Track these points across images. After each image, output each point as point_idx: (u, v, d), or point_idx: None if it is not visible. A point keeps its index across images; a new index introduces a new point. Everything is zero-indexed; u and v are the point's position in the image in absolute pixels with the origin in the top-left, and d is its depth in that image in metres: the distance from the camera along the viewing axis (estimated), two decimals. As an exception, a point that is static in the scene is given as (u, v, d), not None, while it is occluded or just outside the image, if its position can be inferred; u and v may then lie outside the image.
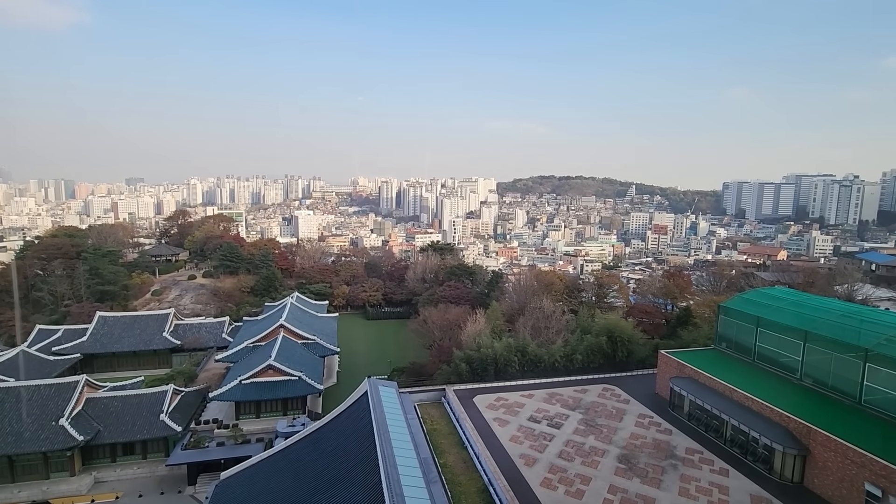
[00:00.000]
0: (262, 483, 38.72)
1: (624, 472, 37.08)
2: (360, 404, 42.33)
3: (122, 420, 54.40)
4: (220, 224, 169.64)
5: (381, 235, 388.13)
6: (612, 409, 48.34)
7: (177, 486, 50.54)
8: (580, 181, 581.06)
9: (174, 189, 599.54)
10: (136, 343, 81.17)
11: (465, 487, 35.91)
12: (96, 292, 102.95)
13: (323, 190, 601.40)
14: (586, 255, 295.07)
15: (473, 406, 48.48)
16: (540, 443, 41.45)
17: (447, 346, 67.03)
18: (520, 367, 56.83)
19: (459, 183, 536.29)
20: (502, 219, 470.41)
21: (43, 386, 55.01)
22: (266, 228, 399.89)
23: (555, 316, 69.50)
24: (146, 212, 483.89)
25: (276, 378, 60.38)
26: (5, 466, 50.12)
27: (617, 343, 58.37)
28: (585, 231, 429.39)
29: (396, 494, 28.96)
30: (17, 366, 68.54)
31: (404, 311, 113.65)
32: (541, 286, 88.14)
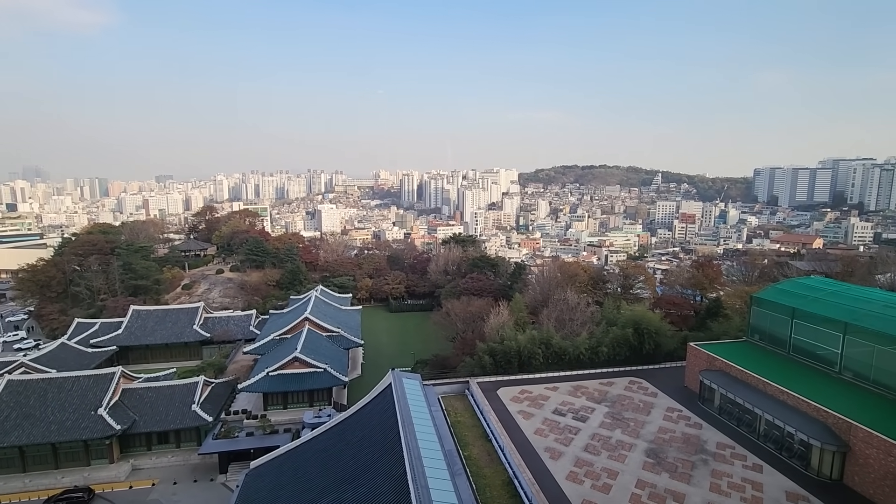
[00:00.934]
0: (290, 472, 39.45)
1: (652, 466, 36.36)
2: (384, 396, 42.62)
3: (157, 410, 56.26)
4: (245, 219, 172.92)
5: (403, 228, 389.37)
6: (639, 402, 47.43)
7: (209, 475, 52.07)
8: (604, 170, 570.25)
9: (201, 185, 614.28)
10: (168, 336, 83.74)
11: (490, 480, 35.81)
12: (130, 287, 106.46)
13: (345, 184, 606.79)
14: (611, 245, 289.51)
15: (497, 398, 48.27)
16: (565, 436, 40.99)
17: (470, 339, 66.87)
18: (544, 360, 56.24)
19: (481, 174, 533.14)
20: (524, 210, 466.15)
21: (82, 377, 57.29)
22: (290, 223, 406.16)
23: (579, 308, 68.51)
24: (175, 208, 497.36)
25: (301, 370, 61.43)
26: (49, 453, 52.50)
27: (644, 335, 57.11)
28: (610, 221, 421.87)
29: (421, 486, 29.03)
30: (58, 357, 71.65)
31: (427, 303, 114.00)
32: (564, 277, 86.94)
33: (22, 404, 53.26)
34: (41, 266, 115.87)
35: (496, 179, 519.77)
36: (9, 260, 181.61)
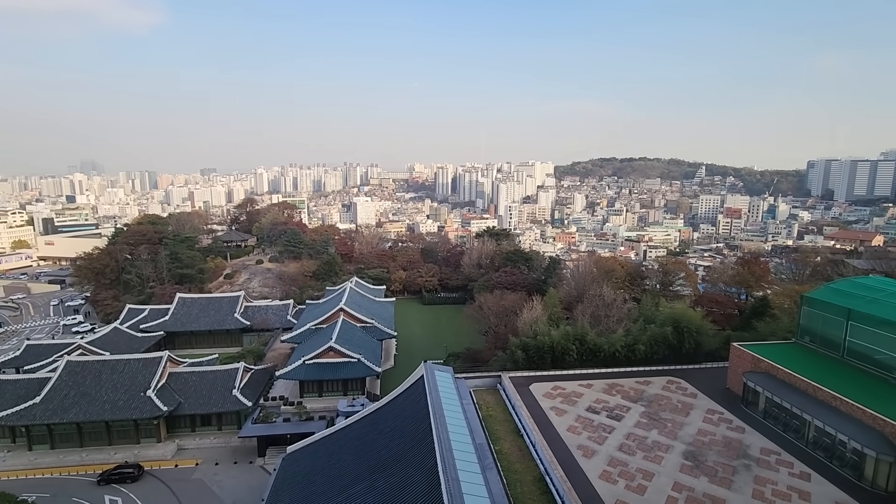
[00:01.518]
0: (325, 458, 40.43)
1: (690, 469, 35.19)
2: (416, 388, 42.94)
3: (200, 394, 58.83)
4: (284, 211, 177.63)
5: (437, 221, 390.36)
6: (677, 402, 45.96)
7: (248, 457, 54.10)
8: (644, 163, 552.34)
9: (243, 178, 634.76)
10: (211, 323, 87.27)
11: (521, 475, 35.58)
12: (176, 275, 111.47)
13: (380, 176, 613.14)
14: (650, 240, 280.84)
15: (529, 394, 47.85)
16: (599, 434, 40.23)
17: (503, 333, 66.49)
18: (578, 356, 55.28)
19: (516, 167, 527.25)
20: (560, 203, 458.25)
21: (133, 360, 60.54)
22: (326, 215, 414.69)
23: (615, 304, 66.86)
24: (218, 200, 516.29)
25: (336, 359, 62.72)
26: (103, 430, 55.87)
27: (683, 334, 55.18)
28: (649, 215, 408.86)
29: (452, 478, 29.10)
30: (111, 341, 75.97)
31: (460, 296, 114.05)
32: (600, 273, 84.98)
33: (79, 384, 56.82)
34: (96, 254, 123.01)
35: (531, 172, 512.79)
36: (68, 248, 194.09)
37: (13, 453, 54.69)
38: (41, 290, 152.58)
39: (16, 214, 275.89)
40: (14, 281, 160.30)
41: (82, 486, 49.67)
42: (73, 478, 51.33)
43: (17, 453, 54.78)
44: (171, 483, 49.93)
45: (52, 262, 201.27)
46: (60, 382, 56.59)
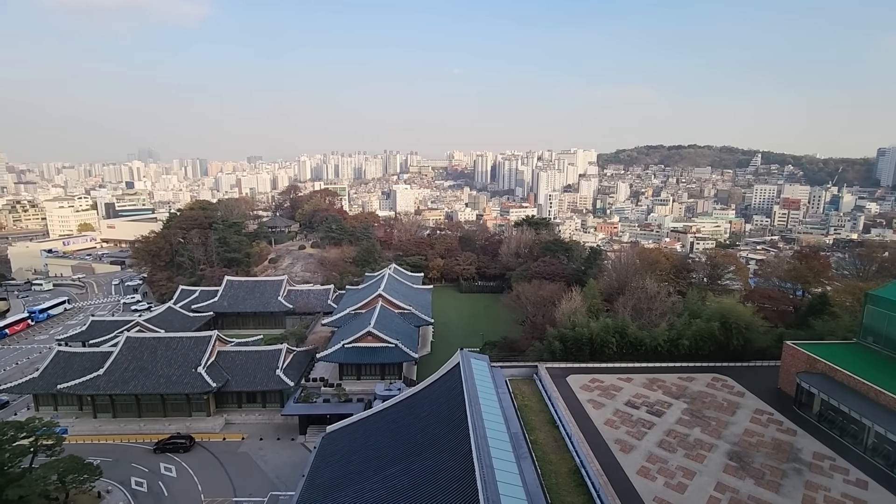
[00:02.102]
0: (362, 439, 41.51)
1: (735, 470, 33.84)
2: (452, 375, 43.23)
3: (246, 372, 61.57)
4: (325, 198, 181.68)
5: (476, 209, 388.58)
6: (722, 400, 44.19)
7: (290, 434, 56.36)
8: (693, 150, 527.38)
9: (287, 166, 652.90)
10: (257, 305, 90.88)
11: (556, 466, 35.32)
12: (224, 259, 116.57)
13: (420, 164, 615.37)
14: (697, 231, 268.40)
15: (566, 385, 47.24)
16: (638, 429, 39.28)
17: (540, 323, 65.80)
18: (617, 350, 54.00)
19: (557, 155, 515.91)
20: (602, 192, 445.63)
21: (185, 338, 64.00)
22: (367, 202, 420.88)
23: (659, 297, 64.75)
24: (264, 187, 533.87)
25: (374, 344, 64.02)
26: (159, 403, 59.59)
27: (732, 330, 52.74)
28: (698, 206, 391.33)
29: (486, 465, 29.21)
30: (166, 319, 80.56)
31: (497, 285, 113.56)
32: (644, 264, 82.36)
33: (137, 358, 60.68)
34: (152, 238, 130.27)
35: (573, 160, 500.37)
36: (127, 231, 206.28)
37: (80, 420, 59.31)
38: (104, 270, 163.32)
39: (82, 199, 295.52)
40: (80, 261, 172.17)
41: (140, 454, 53.32)
42: (132, 445, 55.17)
43: (83, 420, 59.37)
44: (219, 455, 52.79)
45: (114, 244, 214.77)
46: (121, 356, 60.64)
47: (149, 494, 46.27)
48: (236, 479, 48.24)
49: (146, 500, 45.42)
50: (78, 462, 42.42)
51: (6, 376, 73.75)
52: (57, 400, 60.69)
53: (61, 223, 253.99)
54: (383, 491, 32.35)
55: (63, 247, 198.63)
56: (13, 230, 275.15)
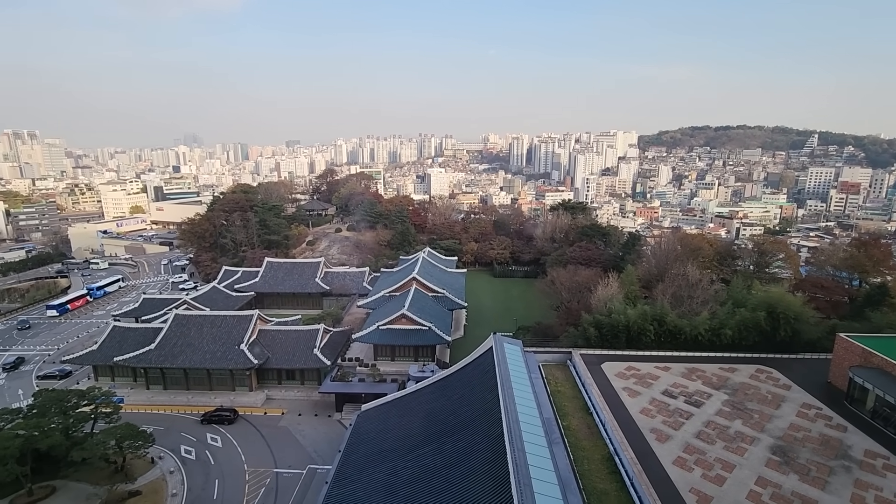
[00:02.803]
0: (396, 418, 42.46)
1: (778, 465, 32.65)
2: (485, 358, 43.39)
3: (285, 350, 63.85)
4: (361, 182, 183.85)
5: (511, 193, 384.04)
6: (766, 393, 42.52)
7: (327, 411, 58.31)
8: (742, 131, 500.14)
9: (324, 150, 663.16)
10: (295, 286, 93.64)
11: (589, 453, 35.06)
12: (265, 241, 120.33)
13: (454, 148, 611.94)
14: (744, 217, 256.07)
15: (601, 372, 46.58)
16: (675, 419, 38.38)
17: (575, 309, 64.84)
18: (655, 338, 52.64)
19: (596, 137, 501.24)
20: (643, 176, 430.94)
21: (228, 316, 66.83)
22: (401, 185, 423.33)
23: (701, 285, 62.47)
24: (301, 170, 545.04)
25: (408, 326, 64.90)
26: (205, 377, 62.76)
27: (779, 320, 50.35)
28: (745, 189, 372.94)
29: (518, 449, 29.33)
30: (211, 298, 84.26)
31: (531, 270, 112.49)
32: (685, 251, 79.42)
33: (185, 334, 63.94)
34: (197, 220, 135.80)
35: (612, 143, 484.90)
36: (174, 214, 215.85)
37: (135, 391, 63.29)
38: (153, 250, 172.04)
39: (133, 183, 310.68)
40: (133, 242, 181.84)
41: (188, 424, 56.51)
42: (181, 416, 58.51)
43: (138, 391, 63.33)
44: (260, 428, 55.30)
45: (162, 225, 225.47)
46: (170, 332, 64.03)
47: (197, 462, 49.11)
48: (276, 452, 50.48)
49: (194, 468, 48.23)
50: (133, 429, 45.39)
51: (69, 348, 79.42)
52: (114, 371, 64.92)
53: (115, 205, 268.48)
54: (416, 469, 33.07)
55: (117, 228, 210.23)
56: (72, 212, 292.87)
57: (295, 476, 46.47)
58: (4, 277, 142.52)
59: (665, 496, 29.32)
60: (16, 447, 40.55)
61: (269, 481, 45.92)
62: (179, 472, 47.35)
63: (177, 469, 47.84)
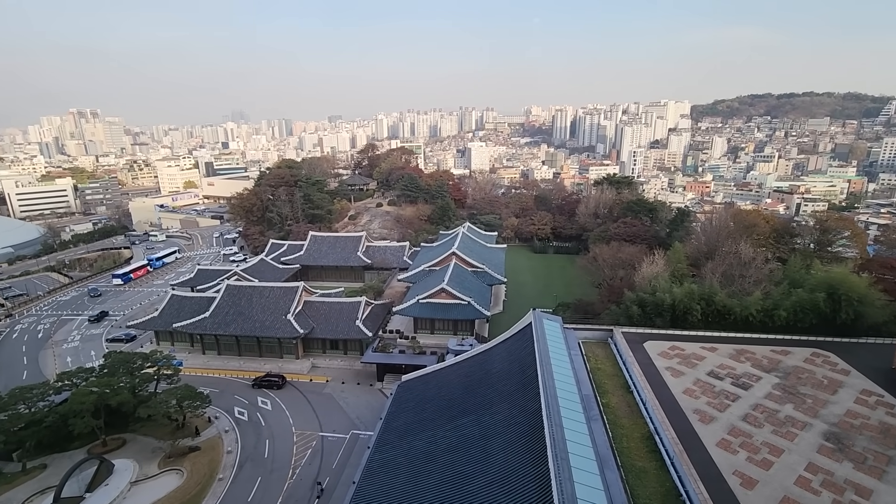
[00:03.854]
0: (435, 389, 43.48)
1: (831, 452, 31.26)
2: (524, 334, 43.44)
3: (329, 321, 66.16)
4: (402, 156, 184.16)
5: (553, 167, 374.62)
6: (822, 378, 40.44)
7: (368, 381, 60.40)
8: (809, 99, 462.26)
9: (365, 124, 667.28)
10: (338, 259, 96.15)
11: (628, 431, 34.75)
12: (308, 215, 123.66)
13: (496, 121, 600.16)
14: (806, 192, 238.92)
15: (643, 351, 45.63)
16: (720, 401, 37.28)
17: (618, 286, 63.42)
18: (702, 317, 50.86)
19: (644, 108, 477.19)
20: (694, 148, 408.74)
21: (276, 288, 69.69)
22: (441, 160, 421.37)
23: (754, 263, 59.54)
24: (343, 145, 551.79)
25: (447, 300, 65.59)
26: (255, 344, 66.19)
27: (841, 302, 47.33)
28: (809, 162, 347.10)
29: (556, 424, 29.49)
30: (259, 270, 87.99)
31: (573, 246, 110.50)
32: (738, 228, 75.54)
33: (236, 304, 67.32)
34: (246, 195, 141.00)
35: (662, 113, 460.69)
36: (224, 189, 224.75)
37: (192, 355, 67.66)
38: (206, 224, 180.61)
39: (185, 159, 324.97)
40: (187, 216, 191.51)
41: (241, 388, 60.09)
42: (234, 380, 62.22)
43: (194, 355, 67.68)
44: (307, 394, 58.08)
45: (213, 200, 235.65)
46: (223, 302, 67.60)
47: (249, 423, 52.35)
48: (322, 417, 53.01)
49: (247, 428, 51.47)
50: (192, 390, 48.81)
51: (133, 314, 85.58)
52: (173, 336, 69.56)
53: (170, 181, 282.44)
54: (455, 438, 33.96)
55: (172, 202, 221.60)
56: (132, 187, 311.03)
57: (339, 440, 48.77)
58: (75, 248, 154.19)
59: (707, 477, 28.79)
60: (91, 402, 44.60)
61: (315, 444, 48.44)
62: (234, 432, 50.68)
63: (231, 428, 51.21)
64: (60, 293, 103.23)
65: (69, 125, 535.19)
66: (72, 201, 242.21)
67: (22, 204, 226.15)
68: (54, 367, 67.54)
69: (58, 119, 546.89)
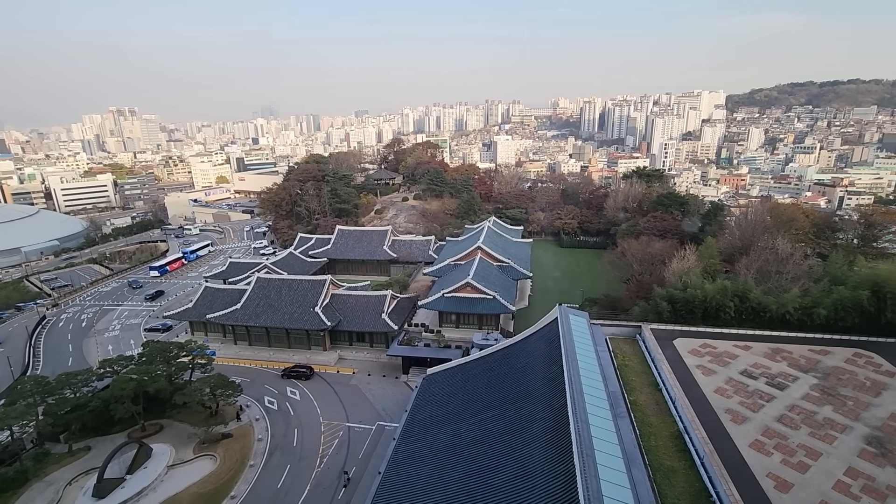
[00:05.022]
0: (460, 383, 43.62)
1: (873, 456, 29.96)
2: (550, 329, 43.05)
3: (356, 314, 67.10)
4: (427, 150, 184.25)
5: (580, 160, 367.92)
6: (864, 379, 38.73)
7: (394, 373, 61.06)
8: (854, 87, 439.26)
9: (391, 119, 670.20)
10: (364, 253, 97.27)
11: (656, 429, 34.12)
12: (336, 209, 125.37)
13: (522, 114, 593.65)
14: (850, 184, 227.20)
15: (672, 348, 44.64)
16: (754, 401, 36.17)
17: (647, 282, 62.15)
18: (735, 315, 49.29)
19: (677, 98, 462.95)
20: (730, 140, 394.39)
21: (304, 281, 71.06)
22: (467, 154, 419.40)
23: (792, 259, 57.36)
24: (370, 140, 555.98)
25: (472, 295, 65.54)
26: (284, 336, 67.75)
27: (886, 300, 45.08)
28: (854, 154, 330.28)
29: (581, 420, 29.19)
30: (288, 263, 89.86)
31: (600, 241, 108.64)
32: (776, 222, 72.79)
33: (266, 296, 68.99)
34: (275, 189, 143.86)
35: (696, 104, 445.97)
36: (255, 183, 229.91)
37: (224, 345, 69.80)
38: (237, 218, 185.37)
39: (217, 155, 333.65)
40: (219, 210, 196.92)
41: (270, 378, 61.69)
42: (264, 370, 63.92)
43: (227, 346, 69.80)
44: (334, 385, 59.19)
45: (244, 194, 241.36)
46: (253, 294, 69.39)
47: (278, 412, 53.76)
48: (348, 408, 53.96)
49: (277, 416, 52.87)
50: (224, 379, 50.41)
51: (169, 305, 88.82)
52: (206, 327, 71.86)
53: (203, 176, 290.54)
54: (479, 432, 34.02)
55: (205, 197, 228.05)
56: (167, 182, 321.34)
57: (365, 431, 49.57)
58: (115, 241, 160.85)
59: (738, 479, 28.04)
60: (130, 388, 46.63)
61: (342, 434, 49.37)
62: (264, 420, 52.15)
63: (262, 417, 52.71)
64: (102, 284, 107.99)
65: (109, 123, 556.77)
66: (112, 196, 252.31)
67: (66, 199, 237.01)
68: (97, 354, 70.80)
69: (98, 117, 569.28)
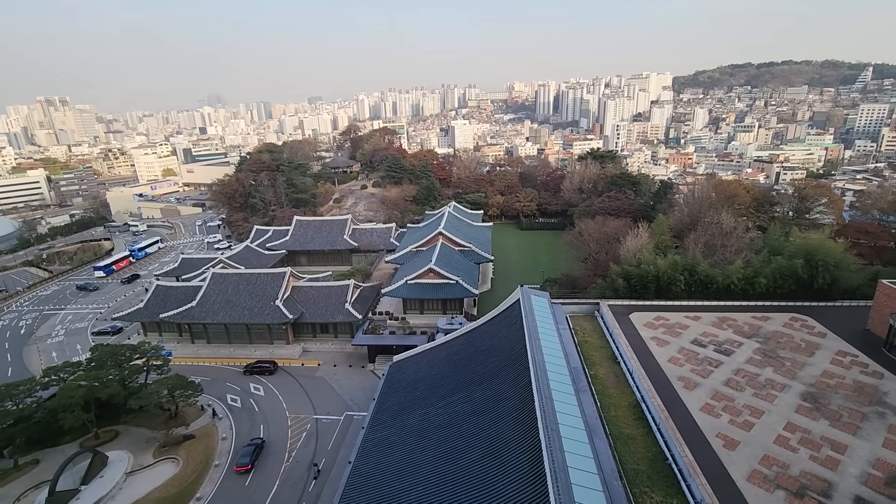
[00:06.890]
0: (427, 369, 44.03)
1: (808, 411, 32.56)
2: (512, 310, 43.97)
3: (318, 305, 66.13)
4: (384, 137, 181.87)
5: (537, 143, 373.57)
6: (800, 341, 41.82)
7: (360, 362, 60.84)
8: (788, 68, 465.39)
9: (346, 105, 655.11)
10: (324, 243, 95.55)
11: (616, 400, 35.70)
12: (292, 199, 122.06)
13: (478, 98, 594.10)
14: (785, 160, 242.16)
15: (629, 322, 46.58)
16: (704, 367, 38.41)
17: (603, 261, 64.25)
18: (686, 288, 51.91)
19: (627, 80, 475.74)
20: (677, 120, 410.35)
21: (263, 274, 69.19)
22: (425, 139, 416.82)
23: (735, 233, 60.67)
24: (325, 127, 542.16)
25: (436, 280, 65.89)
26: (244, 331, 65.99)
27: (818, 267, 48.64)
28: (788, 131, 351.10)
29: (545, 396, 30.16)
30: (244, 257, 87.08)
31: (559, 222, 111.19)
32: (720, 198, 76.76)
33: (223, 292, 66.79)
34: (227, 181, 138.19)
35: (645, 86, 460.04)
36: (205, 175, 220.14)
37: (181, 345, 67.27)
38: (187, 212, 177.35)
39: (163, 146, 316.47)
40: (168, 204, 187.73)
41: (232, 375, 60.11)
42: (225, 367, 62.17)
43: (184, 345, 67.30)
44: (299, 378, 58.37)
45: (193, 187, 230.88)
46: (209, 290, 66.98)
47: (242, 409, 52.59)
48: (315, 400, 53.44)
49: (241, 414, 51.72)
50: (183, 380, 48.69)
51: (118, 306, 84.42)
52: (160, 327, 68.94)
53: (147, 169, 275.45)
54: (447, 415, 34.58)
55: (151, 191, 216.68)
56: (108, 176, 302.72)
57: (333, 422, 49.32)
58: (53, 241, 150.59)
59: (691, 440, 29.87)
60: (80, 396, 44.29)
61: (310, 426, 48.95)
62: (227, 419, 50.91)
63: (225, 415, 51.41)
64: (41, 288, 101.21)
65: (38, 114, 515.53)
66: (46, 193, 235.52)
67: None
68: (39, 362, 66.69)
69: (25, 108, 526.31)
